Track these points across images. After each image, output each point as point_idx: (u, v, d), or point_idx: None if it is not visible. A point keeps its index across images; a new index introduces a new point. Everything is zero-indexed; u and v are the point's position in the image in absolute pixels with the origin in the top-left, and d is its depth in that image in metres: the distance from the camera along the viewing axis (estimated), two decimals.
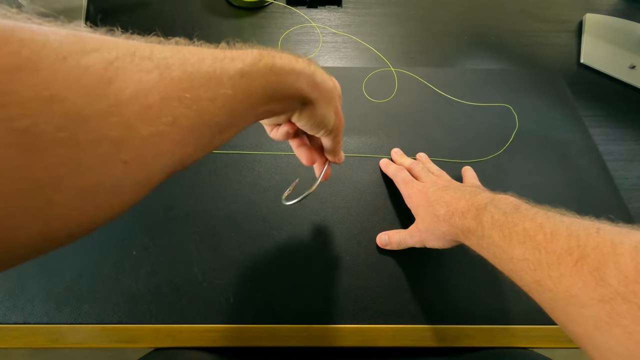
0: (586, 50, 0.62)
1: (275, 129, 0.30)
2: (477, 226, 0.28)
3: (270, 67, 0.21)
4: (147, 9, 0.66)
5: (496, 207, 0.28)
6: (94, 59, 0.14)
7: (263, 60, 0.21)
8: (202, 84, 0.17)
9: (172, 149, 0.17)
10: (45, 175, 0.12)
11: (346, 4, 0.69)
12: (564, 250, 0.21)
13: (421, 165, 0.42)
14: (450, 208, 0.32)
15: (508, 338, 0.37)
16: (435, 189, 0.36)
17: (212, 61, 0.19)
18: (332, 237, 0.42)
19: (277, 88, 0.22)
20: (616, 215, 0.44)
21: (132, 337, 0.36)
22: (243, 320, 0.37)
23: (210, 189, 0.45)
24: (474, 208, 0.29)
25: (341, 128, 0.31)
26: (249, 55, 0.20)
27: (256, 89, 0.20)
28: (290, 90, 0.23)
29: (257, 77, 0.20)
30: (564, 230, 0.22)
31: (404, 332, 0.37)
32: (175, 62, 0.16)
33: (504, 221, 0.26)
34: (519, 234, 0.25)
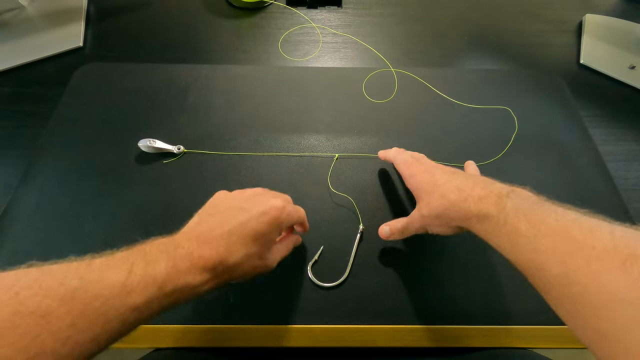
0: (586, 51, 0.62)
1: None
2: (499, 213, 0.27)
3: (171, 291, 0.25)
4: (147, 9, 0.66)
5: (520, 196, 0.27)
6: None
7: (162, 291, 0.24)
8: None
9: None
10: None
11: (346, 4, 0.69)
12: (608, 247, 0.20)
13: (423, 155, 0.41)
14: (464, 193, 0.30)
15: (508, 338, 0.37)
16: (443, 172, 0.34)
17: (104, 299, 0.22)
18: (332, 237, 0.42)
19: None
20: (616, 215, 0.44)
21: (132, 337, 0.35)
22: (243, 320, 0.37)
23: (210, 189, 0.44)
24: (494, 195, 0.28)
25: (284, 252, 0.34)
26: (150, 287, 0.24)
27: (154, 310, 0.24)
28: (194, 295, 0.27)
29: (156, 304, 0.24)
30: (604, 229, 0.22)
31: (404, 332, 0.37)
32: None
33: (531, 212, 0.25)
34: (550, 225, 0.24)
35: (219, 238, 0.28)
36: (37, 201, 0.43)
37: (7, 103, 0.52)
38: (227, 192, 0.33)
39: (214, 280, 0.27)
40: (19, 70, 0.56)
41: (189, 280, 0.25)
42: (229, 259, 0.27)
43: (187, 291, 0.26)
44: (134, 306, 0.23)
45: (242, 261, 0.28)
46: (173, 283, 0.25)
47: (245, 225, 0.29)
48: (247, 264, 0.29)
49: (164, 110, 0.51)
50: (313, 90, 0.54)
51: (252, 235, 0.29)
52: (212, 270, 0.27)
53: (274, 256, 0.32)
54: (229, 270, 0.28)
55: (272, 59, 0.59)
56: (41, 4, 0.64)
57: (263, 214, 0.30)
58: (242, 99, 0.53)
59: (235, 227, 0.28)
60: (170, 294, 0.24)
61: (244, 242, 0.28)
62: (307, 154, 0.48)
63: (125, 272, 0.23)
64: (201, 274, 0.26)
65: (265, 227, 0.30)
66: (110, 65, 0.56)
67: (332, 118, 0.51)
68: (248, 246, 0.29)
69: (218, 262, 0.27)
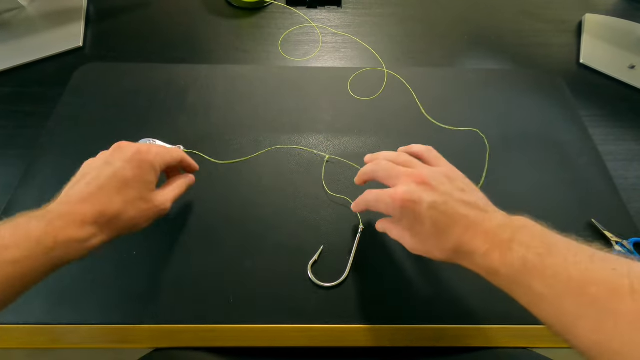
0: (586, 51, 0.62)
1: None
2: (508, 270, 0.24)
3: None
4: (147, 9, 0.66)
5: (522, 244, 0.24)
6: None
7: (41, 245, 0.26)
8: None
9: None
10: None
11: (346, 4, 0.69)
12: (631, 309, 0.19)
13: (405, 155, 0.34)
14: (467, 247, 0.26)
15: (508, 338, 0.37)
16: (441, 202, 0.28)
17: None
18: (332, 237, 0.42)
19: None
20: (616, 215, 0.44)
21: (132, 337, 0.36)
22: (243, 320, 0.37)
23: (210, 189, 0.45)
24: (497, 248, 0.25)
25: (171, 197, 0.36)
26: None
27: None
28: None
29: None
30: (624, 285, 0.20)
31: (404, 332, 0.37)
32: None
33: (541, 267, 0.23)
34: (565, 283, 0.22)
35: (91, 195, 0.29)
36: (37, 201, 0.42)
37: (7, 103, 0.52)
38: (92, 158, 0.34)
39: (103, 232, 0.29)
40: (19, 70, 0.56)
41: (70, 234, 0.27)
42: (108, 209, 0.29)
43: (75, 245, 0.27)
44: (13, 260, 0.25)
45: (123, 208, 0.30)
46: (52, 237, 0.26)
47: (113, 176, 0.31)
48: (131, 210, 0.31)
49: (164, 110, 0.51)
50: (313, 90, 0.54)
51: (122, 181, 0.31)
52: (94, 223, 0.28)
53: (163, 197, 0.34)
54: (114, 220, 0.30)
55: (271, 58, 0.59)
56: (41, 4, 0.64)
57: (128, 161, 0.32)
58: (242, 99, 0.53)
59: (104, 181, 0.30)
60: (54, 247, 0.26)
61: (117, 190, 0.30)
62: (307, 148, 0.48)
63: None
64: (83, 228, 0.28)
65: (134, 172, 0.32)
66: (110, 65, 0.56)
67: (332, 118, 0.51)
68: (123, 193, 0.31)
69: (98, 214, 0.29)
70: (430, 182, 0.29)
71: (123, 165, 0.31)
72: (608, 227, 0.42)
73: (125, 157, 0.32)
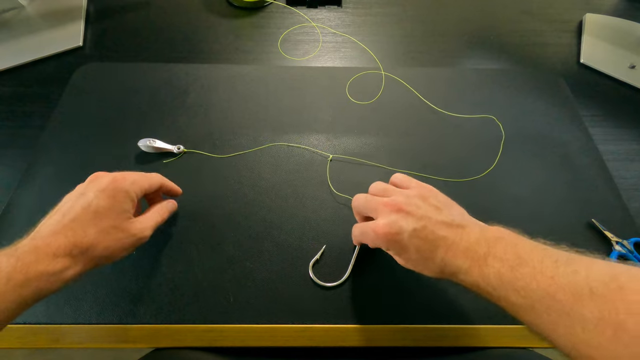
0: (586, 50, 0.62)
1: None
2: (487, 286, 0.26)
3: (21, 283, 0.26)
4: (147, 9, 0.66)
5: (496, 258, 0.26)
6: None
7: (11, 282, 0.25)
8: None
9: None
10: None
11: (346, 4, 0.69)
12: (596, 316, 0.20)
13: (380, 183, 0.36)
14: (452, 268, 0.28)
15: (508, 338, 0.37)
16: (420, 228, 0.29)
17: None
18: (332, 237, 0.42)
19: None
20: (616, 215, 0.44)
21: (132, 337, 0.36)
22: (243, 320, 0.37)
23: (210, 189, 0.45)
24: (476, 264, 0.26)
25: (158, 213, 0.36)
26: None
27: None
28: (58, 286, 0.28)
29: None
30: (584, 287, 0.21)
31: (404, 332, 0.37)
32: None
33: (513, 279, 0.24)
34: (536, 292, 0.23)
35: (64, 227, 0.29)
36: (37, 201, 0.43)
37: (7, 103, 0.52)
38: (70, 192, 0.34)
39: (77, 264, 0.29)
40: (19, 70, 0.56)
41: (41, 268, 0.27)
42: (82, 240, 0.29)
43: (48, 279, 0.27)
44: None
45: (97, 238, 0.30)
46: (22, 273, 0.26)
47: (87, 207, 0.30)
48: (106, 239, 0.30)
49: (164, 110, 0.51)
50: (313, 89, 0.54)
51: (96, 212, 0.30)
52: (68, 254, 0.28)
53: (140, 225, 0.34)
54: (88, 251, 0.29)
55: (271, 58, 0.59)
56: (41, 3, 0.64)
57: (102, 190, 0.32)
58: (242, 99, 0.53)
59: (77, 212, 0.30)
60: (25, 283, 0.26)
61: (91, 221, 0.30)
62: (307, 147, 0.48)
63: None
64: (55, 261, 0.27)
65: (108, 201, 0.31)
66: (110, 65, 0.56)
67: (332, 118, 0.51)
68: (97, 223, 0.30)
69: (71, 245, 0.28)
70: (407, 208, 0.30)
71: (97, 195, 0.31)
72: (608, 227, 0.42)
73: (99, 187, 0.32)
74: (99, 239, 0.30)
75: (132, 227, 0.33)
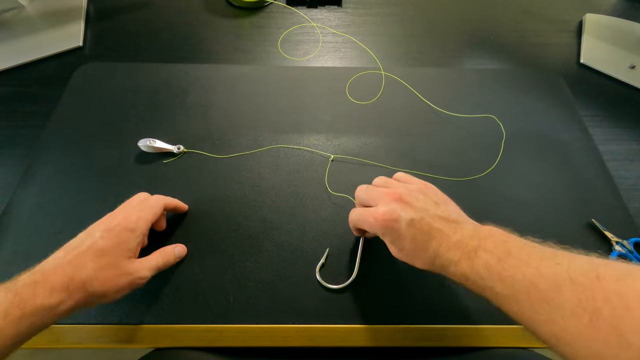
0: (586, 50, 0.62)
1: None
2: (475, 277, 0.27)
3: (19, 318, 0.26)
4: (147, 9, 0.66)
5: (486, 250, 0.27)
6: None
7: (9, 317, 0.25)
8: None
9: None
10: None
11: (346, 4, 0.69)
12: (574, 303, 0.21)
13: (365, 187, 0.36)
14: (443, 260, 0.28)
15: (508, 338, 0.37)
16: (418, 219, 0.30)
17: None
18: (332, 237, 0.42)
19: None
20: (616, 215, 0.44)
21: (132, 337, 0.36)
22: (243, 320, 0.37)
23: (210, 189, 0.45)
24: (466, 256, 0.27)
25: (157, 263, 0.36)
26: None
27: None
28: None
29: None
30: (565, 278, 0.22)
31: (404, 332, 0.37)
32: None
33: (500, 269, 0.25)
34: (520, 282, 0.24)
35: (65, 263, 0.30)
36: (37, 201, 0.43)
37: (7, 103, 0.52)
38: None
39: (72, 298, 0.28)
40: (19, 69, 0.56)
41: (38, 303, 0.27)
42: (78, 274, 0.29)
43: (44, 314, 0.27)
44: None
45: (94, 274, 0.30)
46: (20, 308, 0.26)
47: (91, 246, 0.31)
48: (102, 275, 0.30)
49: (164, 110, 0.51)
50: (313, 89, 0.54)
51: (99, 250, 0.31)
52: (65, 289, 0.28)
53: (140, 265, 0.33)
54: (84, 286, 0.29)
55: (271, 58, 0.59)
56: (41, 3, 0.64)
57: (109, 230, 0.33)
58: (242, 99, 0.53)
59: (82, 250, 0.31)
60: (21, 318, 0.26)
61: (92, 258, 0.30)
62: (307, 148, 0.48)
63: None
64: (52, 295, 0.27)
65: (112, 240, 0.32)
66: (110, 65, 0.56)
67: (332, 118, 0.51)
68: (96, 260, 0.30)
69: (68, 279, 0.29)
70: (407, 199, 0.31)
71: (102, 235, 0.32)
72: (608, 227, 0.42)
73: (107, 227, 0.33)
74: (95, 274, 0.30)
75: (129, 265, 0.33)
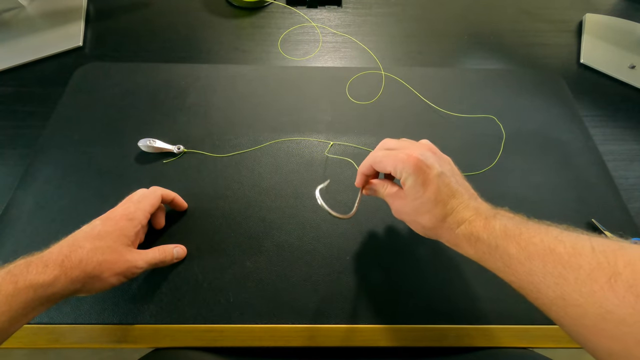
0: (586, 50, 0.62)
1: None
2: (489, 235, 0.27)
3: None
4: (147, 9, 0.66)
5: (505, 216, 0.28)
6: None
7: (1, 293, 0.26)
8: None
9: None
10: None
11: (346, 4, 0.69)
12: (593, 266, 0.21)
13: (391, 140, 0.35)
14: (457, 216, 0.29)
15: (508, 338, 0.37)
16: (428, 180, 0.29)
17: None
18: (332, 236, 0.42)
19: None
20: (616, 215, 0.44)
21: (132, 337, 0.36)
22: (243, 320, 0.37)
23: (210, 189, 0.45)
24: (483, 217, 0.28)
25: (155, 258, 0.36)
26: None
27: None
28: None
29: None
30: (586, 245, 0.22)
31: (404, 332, 0.37)
32: None
33: (518, 232, 0.25)
34: (537, 245, 0.24)
35: (62, 245, 0.30)
36: (37, 201, 0.43)
37: (7, 103, 0.52)
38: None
39: (68, 277, 0.29)
40: (19, 69, 0.56)
41: (31, 278, 0.27)
42: (75, 253, 0.30)
43: (38, 290, 0.27)
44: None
45: (91, 254, 0.30)
46: (12, 284, 0.26)
47: (91, 231, 0.32)
48: (99, 257, 0.31)
49: (164, 110, 0.51)
50: (313, 89, 0.54)
51: (98, 234, 0.32)
52: (59, 265, 0.28)
53: (138, 255, 0.34)
54: (80, 265, 0.29)
55: (271, 58, 0.59)
56: (41, 3, 0.64)
57: (108, 219, 0.34)
58: (242, 99, 0.53)
59: (81, 235, 0.32)
60: (14, 294, 0.26)
61: (89, 239, 0.31)
62: (307, 148, 0.48)
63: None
64: (45, 271, 0.28)
65: (109, 227, 0.33)
66: (110, 65, 0.56)
67: (332, 118, 0.51)
68: (94, 242, 0.31)
69: (63, 257, 0.29)
70: (438, 155, 0.32)
71: (102, 222, 0.34)
72: (608, 227, 0.42)
73: (107, 217, 0.34)
74: (92, 255, 0.30)
75: (127, 252, 0.33)
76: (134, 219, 0.35)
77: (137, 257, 0.34)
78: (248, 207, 0.43)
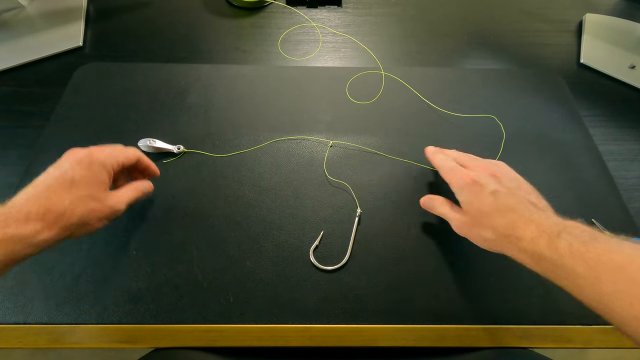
0: (586, 50, 0.62)
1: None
2: (553, 254, 0.26)
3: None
4: (147, 9, 0.66)
5: (571, 234, 0.27)
6: None
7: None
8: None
9: None
10: None
11: (346, 4, 0.69)
12: None
13: (468, 155, 0.39)
14: (517, 231, 0.29)
15: (508, 338, 0.37)
16: (494, 193, 0.31)
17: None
18: (332, 236, 0.42)
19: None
20: (616, 215, 0.44)
21: (132, 337, 0.36)
22: (243, 320, 0.37)
23: (210, 189, 0.45)
24: (546, 235, 0.27)
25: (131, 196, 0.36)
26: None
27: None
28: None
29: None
30: None
31: (404, 332, 0.37)
32: None
33: (584, 251, 0.25)
34: (606, 264, 0.23)
35: (39, 195, 0.29)
36: None
37: (7, 103, 0.52)
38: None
39: (51, 229, 0.29)
40: (19, 69, 0.56)
41: (11, 231, 0.27)
42: (55, 205, 0.29)
43: (18, 242, 0.27)
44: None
45: (71, 205, 0.30)
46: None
47: (60, 176, 0.31)
48: (81, 207, 0.31)
49: (164, 110, 0.51)
50: (313, 89, 0.54)
51: (71, 181, 0.31)
52: (41, 219, 0.28)
53: (116, 198, 0.34)
54: (62, 217, 0.29)
55: (271, 58, 0.59)
56: (41, 3, 0.64)
57: (77, 162, 0.32)
58: (242, 99, 0.53)
59: (51, 181, 0.31)
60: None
61: (65, 189, 0.30)
62: (307, 148, 0.48)
63: None
64: (27, 224, 0.28)
65: (83, 172, 0.32)
66: (110, 65, 0.56)
67: (332, 118, 0.51)
68: (72, 191, 0.30)
69: (45, 210, 0.29)
70: (500, 177, 0.33)
71: (72, 166, 0.32)
72: (608, 227, 0.42)
73: (75, 159, 0.32)
74: (74, 207, 0.30)
75: (108, 197, 0.33)
76: (106, 164, 0.34)
77: (117, 201, 0.34)
78: (248, 207, 0.43)
